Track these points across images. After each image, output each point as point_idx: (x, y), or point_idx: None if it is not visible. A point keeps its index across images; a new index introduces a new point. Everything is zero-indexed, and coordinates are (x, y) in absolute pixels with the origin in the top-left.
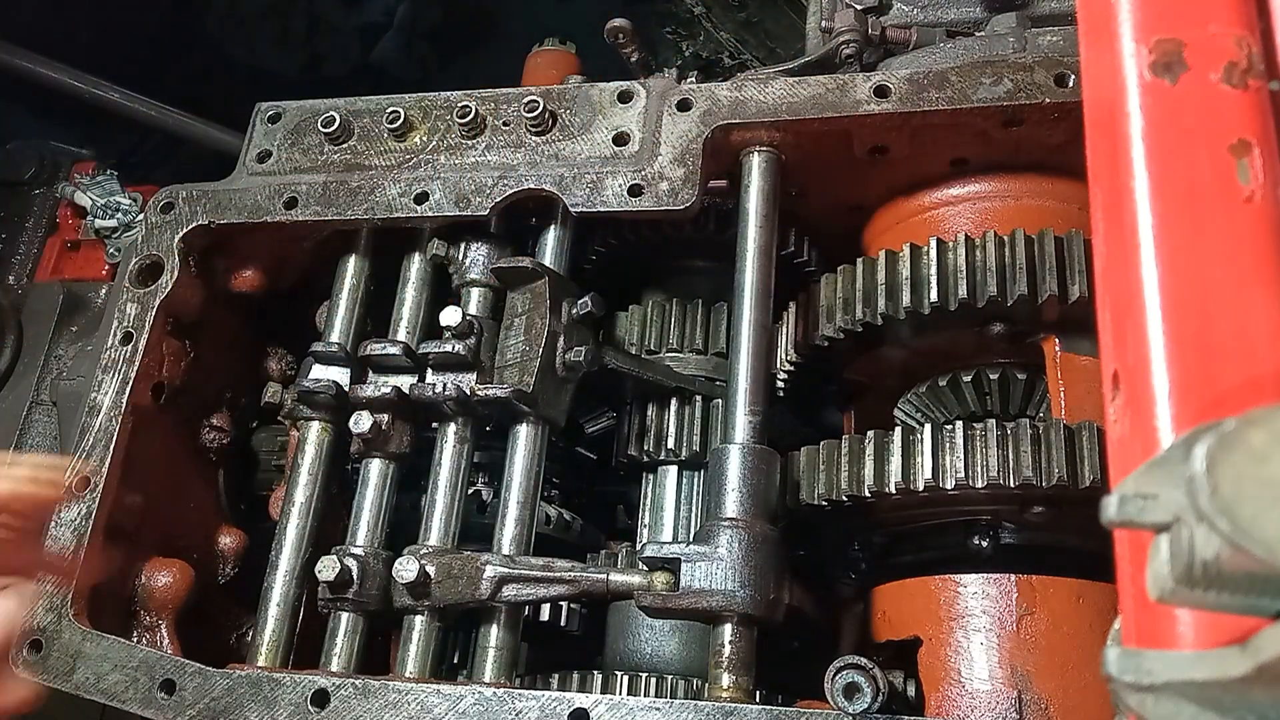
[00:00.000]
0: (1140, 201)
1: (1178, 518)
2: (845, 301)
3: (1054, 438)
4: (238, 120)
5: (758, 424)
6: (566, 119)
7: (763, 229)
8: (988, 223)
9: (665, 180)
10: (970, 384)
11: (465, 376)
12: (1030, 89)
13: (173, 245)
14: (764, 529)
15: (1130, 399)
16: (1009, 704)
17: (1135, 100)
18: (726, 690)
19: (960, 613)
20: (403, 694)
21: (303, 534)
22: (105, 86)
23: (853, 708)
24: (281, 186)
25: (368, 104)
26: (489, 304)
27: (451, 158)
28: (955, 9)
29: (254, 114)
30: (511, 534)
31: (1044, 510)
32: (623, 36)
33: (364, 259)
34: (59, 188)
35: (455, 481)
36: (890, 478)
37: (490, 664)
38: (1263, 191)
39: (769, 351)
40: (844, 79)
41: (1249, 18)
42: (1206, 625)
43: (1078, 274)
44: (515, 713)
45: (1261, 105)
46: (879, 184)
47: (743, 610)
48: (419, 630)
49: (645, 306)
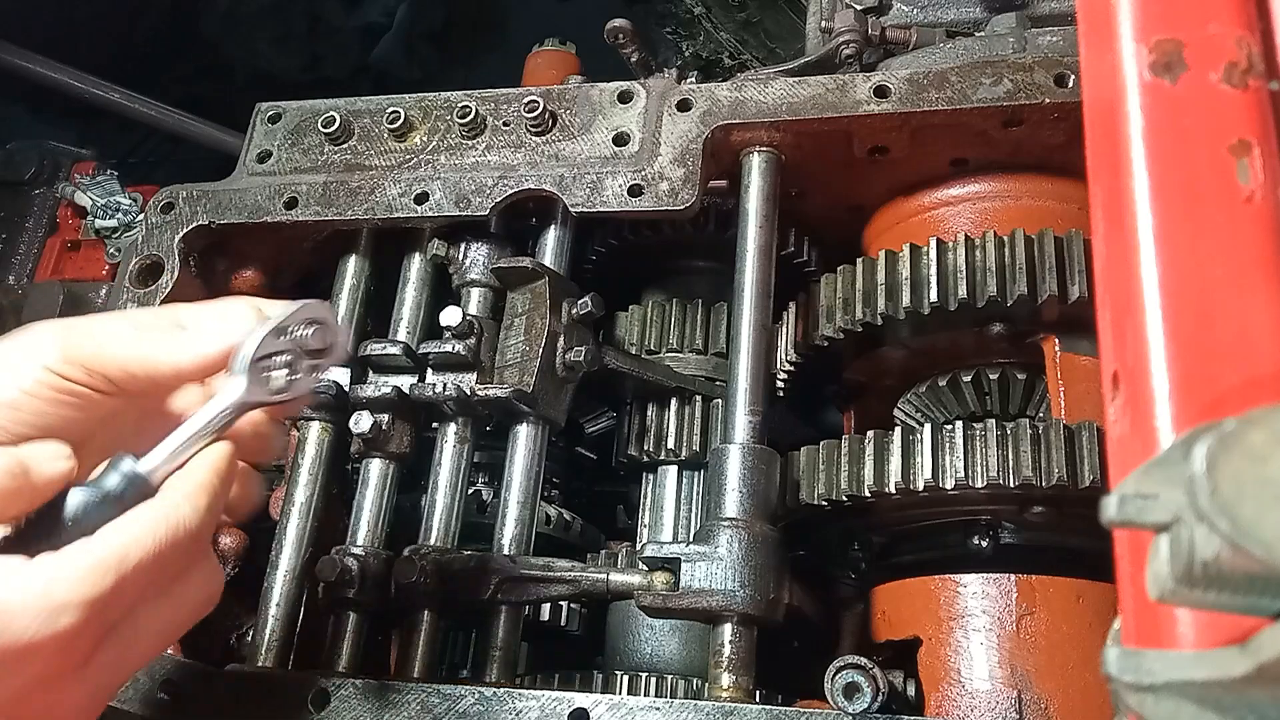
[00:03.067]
0: (1140, 201)
1: (1178, 518)
2: (845, 302)
3: (1054, 438)
4: (238, 120)
5: (758, 424)
6: (566, 119)
7: (763, 229)
8: (988, 223)
9: (665, 180)
10: (970, 384)
11: (465, 376)
12: (1030, 89)
13: (173, 245)
14: (764, 529)
15: (1130, 399)
16: (1009, 704)
17: (1135, 100)
18: (726, 690)
19: (960, 613)
20: (403, 694)
21: (303, 534)
22: (105, 86)
23: (853, 708)
24: (281, 186)
25: (368, 104)
26: (489, 304)
27: (451, 158)
28: (955, 9)
29: (254, 114)
30: (511, 534)
31: (1044, 510)
32: (623, 36)
33: (364, 259)
34: (59, 188)
35: (455, 481)
36: (890, 478)
37: (490, 664)
38: (1263, 191)
39: (769, 351)
40: (844, 79)
41: (1249, 18)
42: (1206, 625)
43: (1078, 274)
44: (515, 713)
45: (1261, 105)
46: (879, 184)
47: (743, 610)
48: (419, 630)
49: (645, 306)
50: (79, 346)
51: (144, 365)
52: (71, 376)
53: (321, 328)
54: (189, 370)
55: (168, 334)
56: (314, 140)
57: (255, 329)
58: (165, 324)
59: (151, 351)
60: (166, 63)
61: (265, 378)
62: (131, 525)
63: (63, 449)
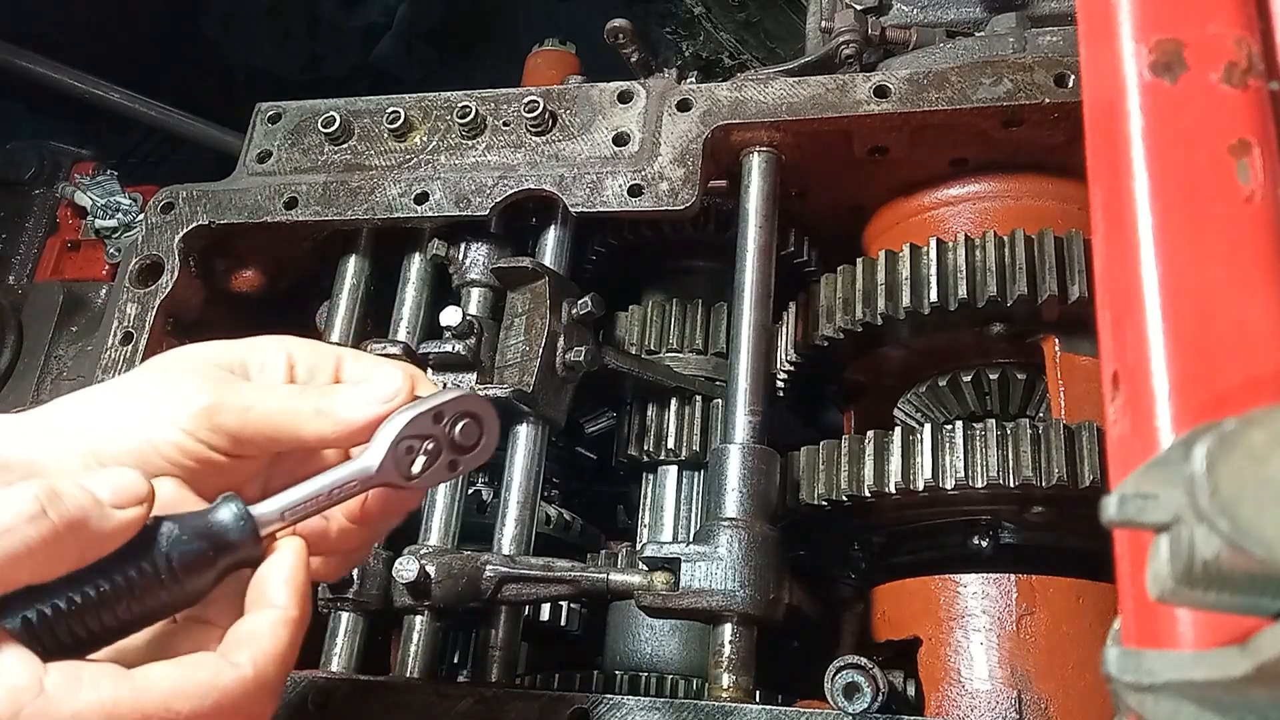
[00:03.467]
0: (1140, 201)
1: (1178, 518)
2: (845, 302)
3: (1054, 438)
4: (238, 120)
5: (758, 424)
6: (566, 119)
7: (763, 229)
8: (988, 223)
9: (665, 180)
10: (970, 384)
11: (465, 376)
12: (1030, 89)
13: (173, 245)
14: (764, 529)
15: (1130, 399)
16: (1009, 704)
17: (1135, 100)
18: (726, 690)
19: (960, 613)
20: (403, 694)
21: None
22: (105, 86)
23: (853, 708)
24: (281, 186)
25: (368, 104)
26: (489, 304)
27: (451, 158)
28: (955, 9)
29: (254, 114)
30: (511, 534)
31: (1044, 510)
32: (623, 36)
33: (364, 259)
34: (59, 188)
35: (456, 481)
36: (890, 478)
37: (490, 664)
38: (1263, 191)
39: (769, 351)
40: (844, 79)
41: (1249, 18)
42: (1206, 625)
43: (1077, 274)
44: (515, 713)
45: (1261, 105)
46: (879, 184)
47: (743, 610)
48: (419, 630)
49: (645, 306)
50: (226, 412)
51: (290, 436)
52: (210, 442)
53: (474, 424)
54: (332, 442)
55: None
56: (314, 140)
57: (409, 409)
58: (314, 394)
59: (298, 424)
60: (166, 63)
61: (404, 460)
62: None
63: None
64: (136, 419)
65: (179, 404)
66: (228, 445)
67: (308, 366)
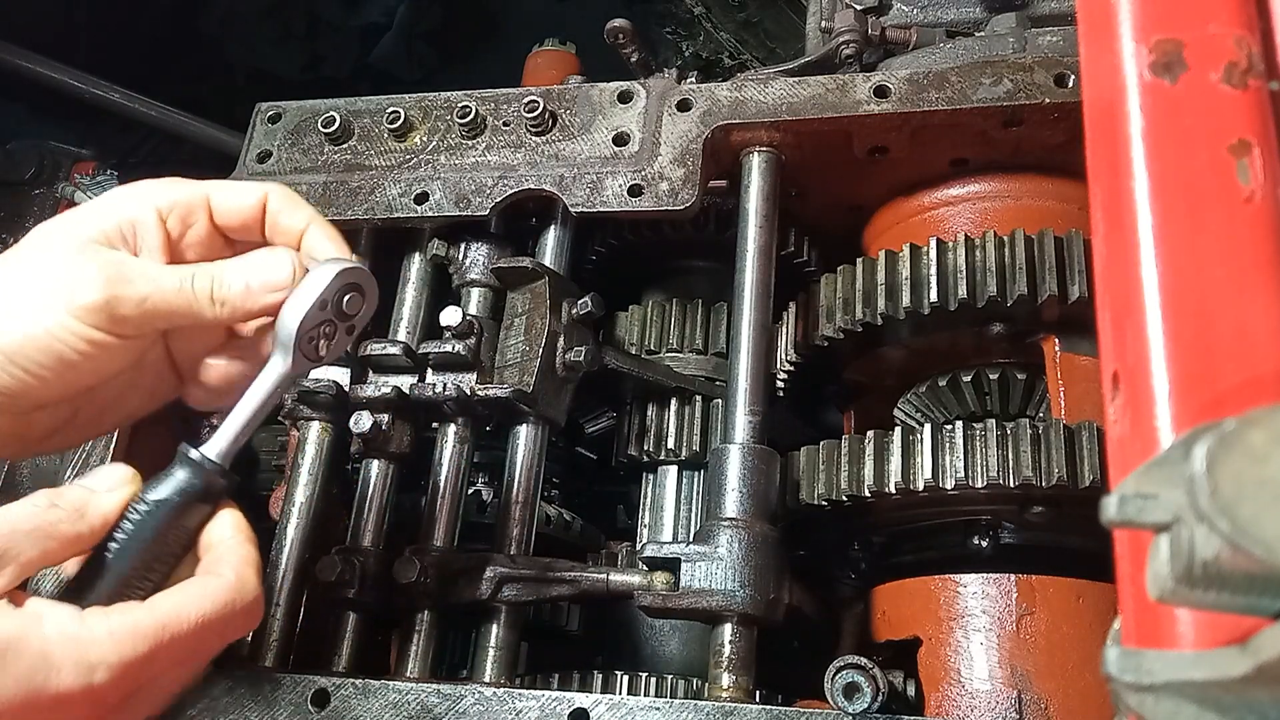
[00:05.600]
0: (1140, 201)
1: (1178, 518)
2: (845, 302)
3: (1054, 438)
4: (238, 120)
5: (758, 424)
6: (566, 119)
7: (763, 229)
8: (988, 223)
9: (665, 180)
10: (970, 384)
11: (465, 376)
12: (1030, 89)
13: None
14: (764, 529)
15: (1130, 399)
16: (1009, 704)
17: (1135, 100)
18: (726, 690)
19: (960, 613)
20: (403, 694)
21: (303, 534)
22: (105, 86)
23: (852, 708)
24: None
25: (368, 104)
26: (489, 304)
27: (451, 158)
28: (955, 9)
29: (254, 114)
30: (511, 534)
31: (1044, 510)
32: (623, 36)
33: (364, 259)
34: (59, 188)
35: (455, 481)
36: (890, 478)
37: (490, 664)
38: (1263, 191)
39: (769, 351)
40: (844, 79)
41: (1249, 18)
42: (1206, 625)
43: (1078, 274)
44: (515, 713)
45: (1261, 105)
46: (879, 184)
47: (743, 610)
48: (419, 630)
49: (645, 306)
50: (124, 304)
51: (188, 320)
52: (109, 329)
53: (357, 294)
54: (228, 323)
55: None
56: (314, 140)
57: (299, 301)
58: (206, 277)
59: (197, 311)
60: (166, 63)
61: (309, 348)
62: (179, 596)
63: (124, 474)
64: (36, 311)
65: (76, 294)
66: (127, 330)
67: (179, 217)
